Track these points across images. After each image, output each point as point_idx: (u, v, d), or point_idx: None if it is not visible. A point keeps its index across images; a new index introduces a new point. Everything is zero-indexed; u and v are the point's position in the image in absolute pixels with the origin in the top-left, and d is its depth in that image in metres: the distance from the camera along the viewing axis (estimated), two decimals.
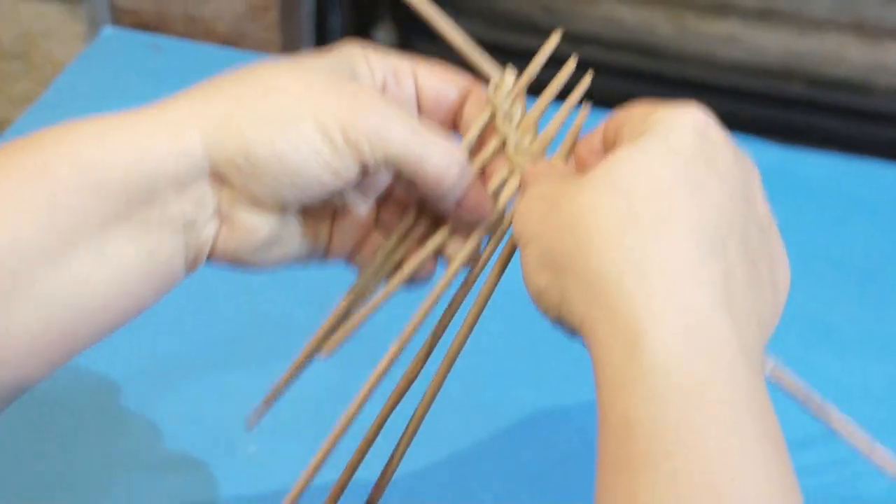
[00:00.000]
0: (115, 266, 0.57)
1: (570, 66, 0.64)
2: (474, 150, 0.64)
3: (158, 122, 0.57)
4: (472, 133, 0.63)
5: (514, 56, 0.64)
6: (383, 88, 0.62)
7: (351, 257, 0.64)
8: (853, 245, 0.99)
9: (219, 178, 0.58)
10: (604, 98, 1.56)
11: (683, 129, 0.55)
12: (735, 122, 1.34)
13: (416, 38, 1.59)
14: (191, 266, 0.60)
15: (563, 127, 0.64)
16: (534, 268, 0.56)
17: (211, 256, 0.61)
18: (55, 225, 0.56)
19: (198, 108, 0.58)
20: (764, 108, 1.59)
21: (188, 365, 0.87)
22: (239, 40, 1.55)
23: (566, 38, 0.66)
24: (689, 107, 0.56)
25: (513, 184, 0.63)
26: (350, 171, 0.59)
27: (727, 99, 1.58)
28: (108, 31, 1.20)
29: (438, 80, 0.64)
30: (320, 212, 0.63)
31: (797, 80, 1.61)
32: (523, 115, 0.63)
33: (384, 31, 1.63)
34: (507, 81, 0.63)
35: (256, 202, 0.59)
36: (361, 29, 1.61)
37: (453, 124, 0.65)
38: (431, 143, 0.59)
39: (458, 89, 0.64)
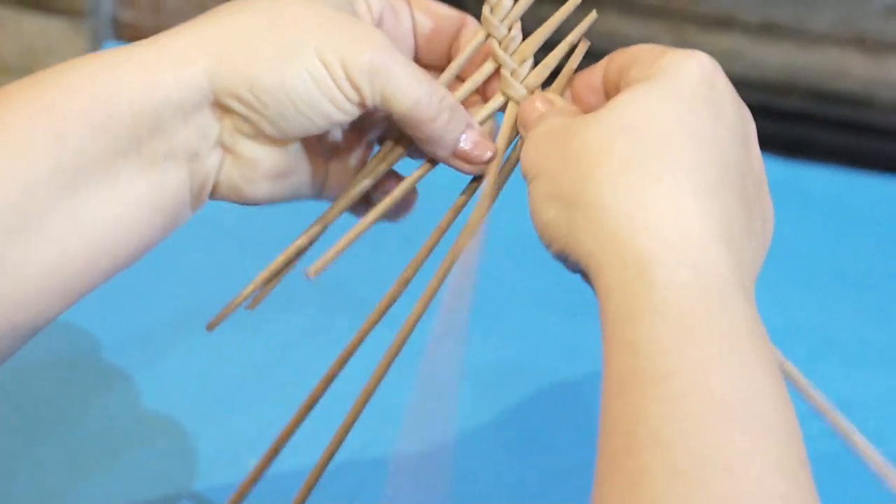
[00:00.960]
0: (127, 201, 0.58)
1: (573, 2, 0.64)
2: (465, 74, 0.63)
3: (164, 54, 0.58)
4: (464, 55, 0.63)
5: None
6: (380, 23, 0.63)
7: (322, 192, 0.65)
8: (855, 258, 0.99)
9: (221, 107, 0.59)
10: None
11: (691, 75, 0.57)
12: None
13: None
14: (195, 201, 0.61)
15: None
16: (541, 201, 0.57)
17: (214, 192, 0.61)
18: (65, 162, 0.56)
19: (203, 38, 0.58)
20: (765, 121, 1.59)
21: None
22: None
23: (567, 52, 0.66)
24: (696, 53, 0.59)
25: (510, 116, 0.62)
26: (350, 105, 0.59)
27: None
28: (111, 46, 1.21)
29: (434, 14, 0.64)
30: (318, 149, 0.63)
31: (798, 94, 1.61)
32: (520, 42, 0.63)
33: None
34: (505, 4, 0.63)
35: (258, 133, 0.60)
36: None
37: (449, 58, 0.65)
38: (428, 88, 0.60)
39: (454, 22, 0.64)
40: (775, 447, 0.50)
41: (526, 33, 0.64)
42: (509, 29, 0.63)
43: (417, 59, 0.65)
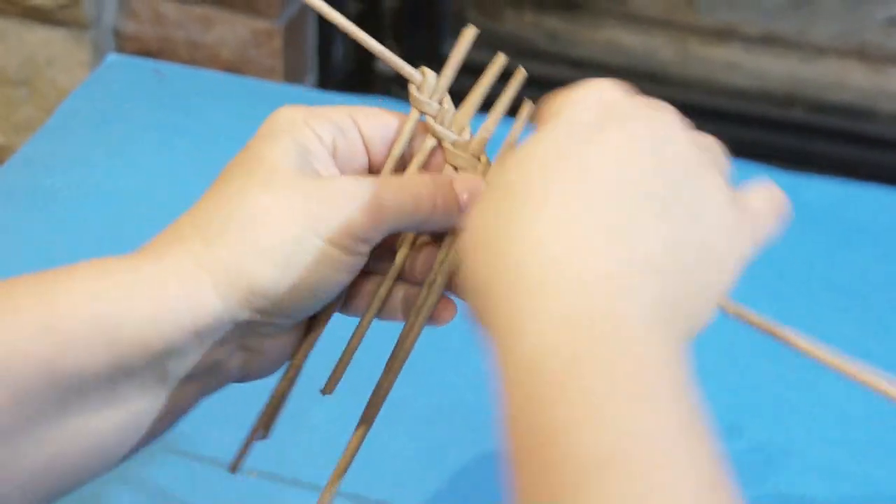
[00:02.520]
0: (129, 411, 0.57)
1: (498, 64, 0.64)
2: (407, 157, 0.63)
3: (170, 281, 0.56)
4: (402, 139, 0.62)
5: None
6: (334, 149, 0.62)
7: (343, 309, 0.64)
8: (855, 270, 1.00)
9: (239, 321, 0.57)
10: None
11: (575, 107, 0.55)
12: (737, 147, 1.34)
13: (417, 64, 1.59)
14: (215, 390, 0.60)
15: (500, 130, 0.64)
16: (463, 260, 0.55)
17: (245, 378, 0.61)
18: (62, 375, 0.55)
19: (201, 255, 0.57)
20: (766, 133, 1.59)
21: None
22: (243, 67, 1.55)
23: (569, 63, 0.66)
24: (592, 82, 0.56)
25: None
26: (362, 260, 0.59)
27: (730, 124, 1.59)
28: (112, 57, 1.21)
29: (378, 121, 0.63)
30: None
31: (800, 105, 1.61)
32: (454, 114, 0.63)
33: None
34: (429, 80, 0.63)
35: (279, 328, 0.59)
36: (363, 54, 1.62)
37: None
38: (417, 192, 0.60)
39: (397, 123, 0.64)
40: None
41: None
42: (440, 103, 0.63)
43: (373, 165, 0.63)
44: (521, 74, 0.63)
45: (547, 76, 1.64)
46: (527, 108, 0.62)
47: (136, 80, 1.16)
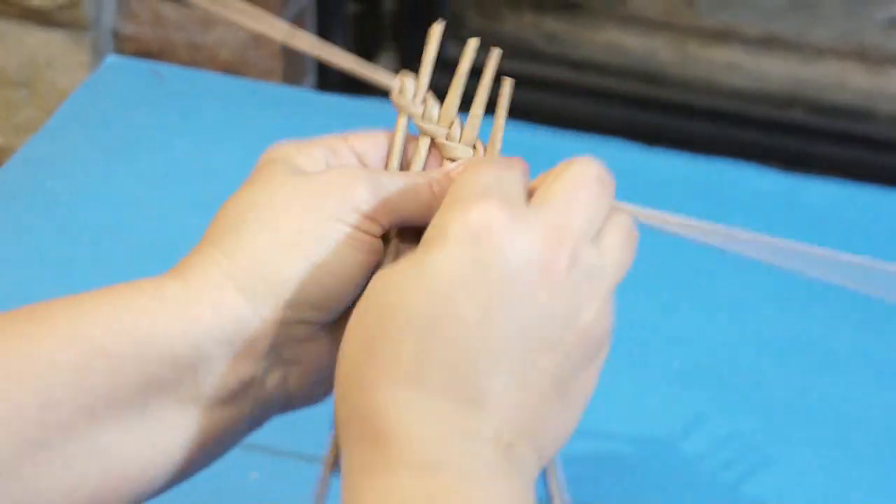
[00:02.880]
0: (159, 432, 0.56)
1: (471, 47, 0.64)
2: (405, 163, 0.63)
3: (194, 292, 0.56)
4: (396, 144, 0.63)
5: (518, 83, 0.64)
6: (327, 167, 0.62)
7: None
8: None
9: (270, 323, 0.57)
10: (606, 124, 1.57)
11: (453, 249, 0.52)
12: (737, 148, 1.34)
13: (416, 65, 1.59)
14: (257, 423, 0.58)
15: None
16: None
17: (288, 406, 0.59)
18: (90, 386, 0.54)
19: (223, 265, 0.56)
20: (766, 134, 1.59)
21: None
22: (242, 68, 1.55)
23: (569, 64, 0.66)
24: (481, 206, 0.52)
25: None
26: (377, 243, 0.58)
27: (729, 125, 1.59)
28: (112, 59, 1.21)
29: (369, 138, 0.63)
30: None
31: (799, 106, 1.61)
32: (439, 108, 0.63)
33: (387, 57, 1.63)
34: (407, 84, 0.63)
35: (312, 329, 0.58)
36: (364, 56, 1.61)
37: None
38: (412, 179, 0.60)
39: (389, 137, 0.64)
40: None
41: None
42: (423, 102, 0.63)
43: None
44: (496, 53, 0.63)
45: (547, 77, 1.64)
46: (507, 84, 0.63)
47: (135, 82, 1.16)
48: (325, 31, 1.60)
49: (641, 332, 0.92)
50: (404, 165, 0.63)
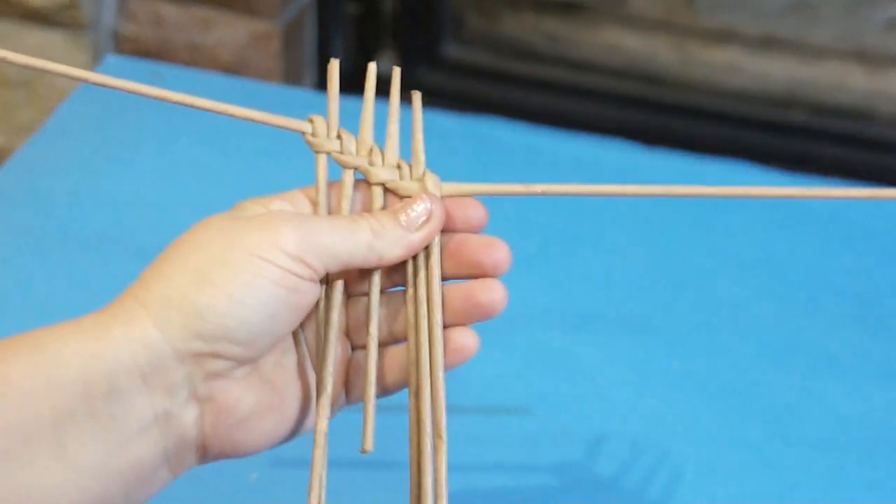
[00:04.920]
0: (76, 465, 0.55)
1: (371, 70, 0.65)
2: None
3: (108, 318, 0.56)
4: (321, 182, 0.63)
5: (519, 83, 0.64)
6: None
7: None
8: (854, 273, 0.99)
9: (183, 354, 0.57)
10: (606, 124, 1.57)
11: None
12: (737, 149, 1.34)
13: (416, 65, 1.59)
14: (175, 465, 0.58)
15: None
16: None
17: (206, 453, 0.59)
18: (4, 424, 0.54)
19: (139, 295, 0.57)
20: (766, 135, 1.59)
21: None
22: (242, 69, 1.55)
23: (569, 65, 0.66)
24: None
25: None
26: (308, 283, 0.58)
27: (729, 126, 1.59)
28: (111, 59, 1.21)
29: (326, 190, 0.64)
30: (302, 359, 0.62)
31: (799, 107, 1.61)
32: (356, 141, 0.64)
33: (385, 59, 1.63)
34: (318, 124, 0.64)
35: (231, 365, 0.58)
36: (363, 57, 1.62)
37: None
38: (352, 218, 0.60)
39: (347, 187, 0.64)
40: None
41: None
42: (339, 137, 0.63)
43: None
44: (396, 72, 0.64)
45: (547, 78, 1.64)
46: (417, 98, 0.64)
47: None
48: (324, 31, 1.60)
49: (641, 332, 0.92)
50: (365, 208, 0.63)
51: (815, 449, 0.84)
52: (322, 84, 1.64)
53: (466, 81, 1.49)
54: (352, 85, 0.71)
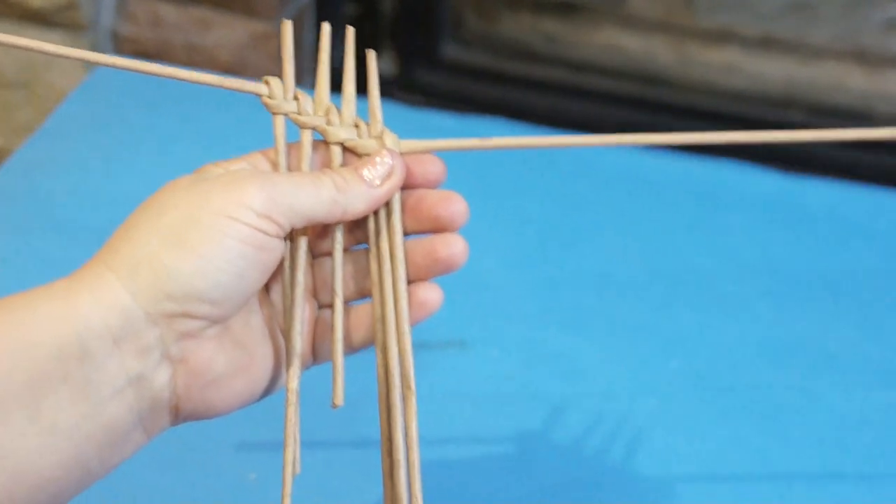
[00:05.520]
0: (51, 428, 0.55)
1: (325, 33, 0.66)
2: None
3: (77, 284, 0.57)
4: (280, 142, 0.64)
5: (517, 83, 0.64)
6: None
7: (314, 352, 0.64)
8: (853, 272, 0.99)
9: (158, 315, 0.57)
10: (605, 124, 1.57)
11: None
12: (735, 149, 1.34)
13: (416, 67, 1.59)
14: (150, 426, 0.59)
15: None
16: None
17: (178, 412, 0.60)
18: None
19: (109, 259, 0.58)
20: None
21: None
22: (241, 69, 1.55)
23: (567, 65, 0.66)
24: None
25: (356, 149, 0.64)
26: (274, 238, 0.59)
27: (728, 127, 1.58)
28: None
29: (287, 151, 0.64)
30: (271, 321, 0.62)
31: (798, 108, 1.61)
32: (312, 101, 0.64)
33: (385, 60, 1.63)
34: (274, 86, 0.64)
35: (203, 325, 0.58)
36: (362, 58, 1.61)
37: None
38: (315, 174, 0.61)
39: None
40: None
41: None
42: (295, 98, 0.64)
43: None
44: (350, 32, 0.66)
45: (546, 78, 1.64)
46: (371, 56, 0.66)
47: (133, 83, 1.16)
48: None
49: (641, 332, 0.92)
50: (324, 167, 0.64)
51: (814, 448, 0.84)
52: None
53: (465, 82, 1.48)
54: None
